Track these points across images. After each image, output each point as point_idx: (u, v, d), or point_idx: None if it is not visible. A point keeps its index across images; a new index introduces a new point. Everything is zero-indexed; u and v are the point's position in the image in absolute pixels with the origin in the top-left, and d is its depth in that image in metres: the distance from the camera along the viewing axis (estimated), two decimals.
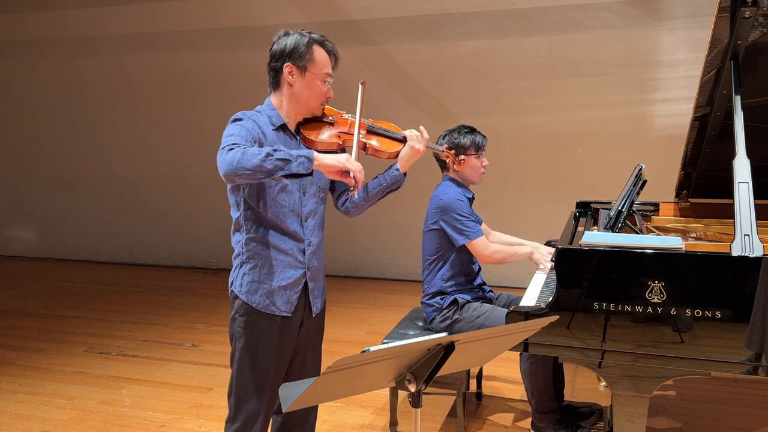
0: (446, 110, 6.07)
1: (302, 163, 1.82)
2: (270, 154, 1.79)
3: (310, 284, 2.14)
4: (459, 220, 2.92)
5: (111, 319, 5.19)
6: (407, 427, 3.10)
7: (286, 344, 2.12)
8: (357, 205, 2.18)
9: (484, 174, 3.11)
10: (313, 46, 2.03)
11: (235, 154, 1.79)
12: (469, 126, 3.09)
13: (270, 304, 2.06)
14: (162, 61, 6.92)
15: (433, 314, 3.04)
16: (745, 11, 2.23)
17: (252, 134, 1.95)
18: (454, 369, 1.51)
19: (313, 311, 2.17)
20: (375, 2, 6.08)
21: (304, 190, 2.09)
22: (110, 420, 3.35)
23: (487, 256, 2.94)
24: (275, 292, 2.06)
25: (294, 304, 2.10)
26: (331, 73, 2.08)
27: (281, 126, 2.05)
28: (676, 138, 3.84)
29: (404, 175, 2.16)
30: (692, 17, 5.26)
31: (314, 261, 2.14)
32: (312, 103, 2.07)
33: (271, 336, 2.07)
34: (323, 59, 2.05)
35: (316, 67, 2.03)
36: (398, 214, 6.14)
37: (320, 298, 2.21)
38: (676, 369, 2.13)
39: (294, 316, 2.11)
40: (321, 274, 2.21)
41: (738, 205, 2.15)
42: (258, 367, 2.08)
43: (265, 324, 2.07)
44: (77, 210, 7.56)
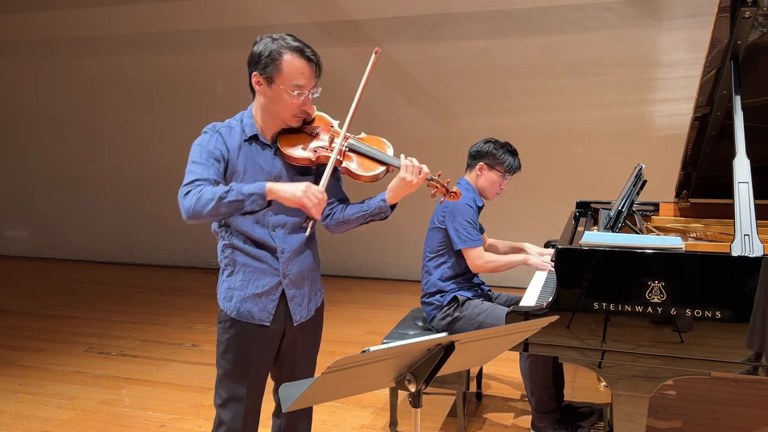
0: (446, 110, 6.07)
1: (255, 200, 1.77)
2: (222, 197, 1.75)
3: (289, 292, 2.02)
4: (463, 225, 2.94)
5: (111, 319, 5.19)
6: (407, 427, 3.10)
7: (264, 353, 2.04)
8: (339, 225, 2.06)
9: (498, 195, 3.14)
10: (283, 54, 1.86)
11: (191, 199, 1.77)
12: (514, 148, 3.12)
13: (245, 311, 1.99)
14: (162, 61, 6.92)
15: (433, 312, 3.04)
16: (745, 11, 2.23)
17: (214, 154, 1.88)
18: (454, 369, 1.51)
19: (295, 320, 2.05)
20: (375, 2, 6.08)
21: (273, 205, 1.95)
22: (110, 420, 3.35)
23: (479, 266, 2.97)
24: (249, 299, 1.98)
25: (272, 312, 2.00)
26: (304, 84, 1.88)
27: (253, 137, 1.95)
28: (676, 138, 3.84)
29: (392, 208, 2.00)
30: (692, 17, 5.26)
31: (293, 268, 2.02)
32: (283, 116, 1.93)
33: (247, 344, 2.00)
34: (294, 69, 1.86)
35: (284, 79, 1.86)
36: (399, 214, 6.11)
37: (305, 307, 2.08)
38: (676, 369, 2.13)
39: (273, 325, 2.02)
40: (307, 280, 2.08)
41: (738, 205, 2.15)
42: (235, 375, 2.01)
43: (241, 332, 2.00)
44: (77, 210, 7.56)
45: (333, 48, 6.19)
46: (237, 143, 1.94)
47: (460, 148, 6.01)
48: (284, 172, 1.98)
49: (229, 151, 1.92)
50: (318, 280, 2.16)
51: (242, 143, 1.94)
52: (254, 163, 1.95)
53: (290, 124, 1.96)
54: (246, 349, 2.01)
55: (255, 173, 1.94)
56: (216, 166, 1.88)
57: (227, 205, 1.76)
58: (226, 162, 1.91)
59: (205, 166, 1.86)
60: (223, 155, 1.90)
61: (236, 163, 1.93)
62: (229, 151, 1.92)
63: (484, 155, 3.07)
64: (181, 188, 1.82)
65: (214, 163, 1.88)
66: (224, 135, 1.93)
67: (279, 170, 1.98)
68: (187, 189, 1.80)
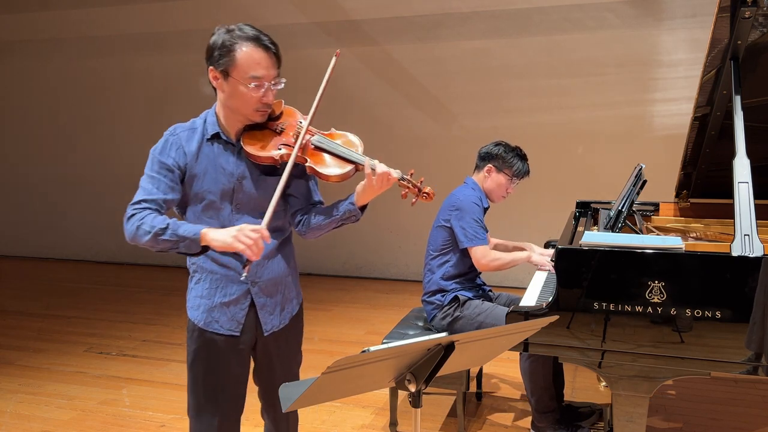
0: (446, 110, 6.07)
1: (188, 245, 1.72)
2: (158, 234, 1.71)
3: (259, 300, 1.93)
4: (469, 223, 2.95)
5: (111, 319, 5.19)
6: (407, 427, 3.10)
7: (235, 365, 1.94)
8: (311, 229, 1.93)
9: (504, 199, 3.15)
10: (236, 45, 1.75)
11: (132, 227, 1.74)
12: (524, 153, 3.13)
13: (213, 321, 1.91)
14: (162, 61, 6.92)
15: (433, 312, 3.04)
16: (745, 11, 2.23)
17: (166, 164, 1.82)
18: (454, 369, 1.51)
19: (265, 330, 1.95)
20: (375, 2, 6.08)
21: (238, 206, 1.89)
22: (110, 420, 3.35)
23: (485, 264, 2.97)
24: (217, 308, 1.90)
25: (241, 322, 1.91)
26: (262, 75, 1.77)
27: (215, 135, 1.87)
28: (676, 138, 3.84)
29: (362, 210, 1.88)
30: (692, 17, 5.26)
31: (264, 274, 1.92)
32: (244, 112, 1.82)
33: (216, 355, 1.91)
34: (250, 60, 1.75)
35: (239, 71, 1.75)
36: (399, 214, 6.14)
37: (278, 315, 1.98)
38: (676, 369, 2.13)
39: (243, 335, 1.93)
40: (280, 287, 1.98)
41: (738, 205, 2.15)
42: (206, 387, 1.93)
43: (210, 342, 1.91)
44: (77, 210, 7.56)
45: (333, 48, 6.18)
46: (196, 145, 1.86)
47: (460, 148, 6.05)
48: (248, 173, 1.88)
49: (186, 155, 1.84)
50: (293, 286, 2.05)
51: (203, 144, 1.86)
52: (215, 165, 1.86)
53: (253, 119, 1.85)
54: (215, 360, 1.92)
55: (216, 175, 1.86)
56: (167, 177, 1.82)
57: (162, 242, 1.73)
58: (183, 168, 1.84)
59: (155, 180, 1.82)
60: (177, 163, 1.83)
61: (194, 166, 1.85)
62: (186, 155, 1.84)
63: (494, 157, 3.08)
64: (128, 206, 1.79)
65: (166, 174, 1.82)
66: (183, 139, 1.86)
67: (242, 171, 1.88)
68: (132, 211, 1.77)
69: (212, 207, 1.88)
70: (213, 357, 1.92)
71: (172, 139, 1.87)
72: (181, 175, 1.85)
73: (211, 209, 1.88)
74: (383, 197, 2.07)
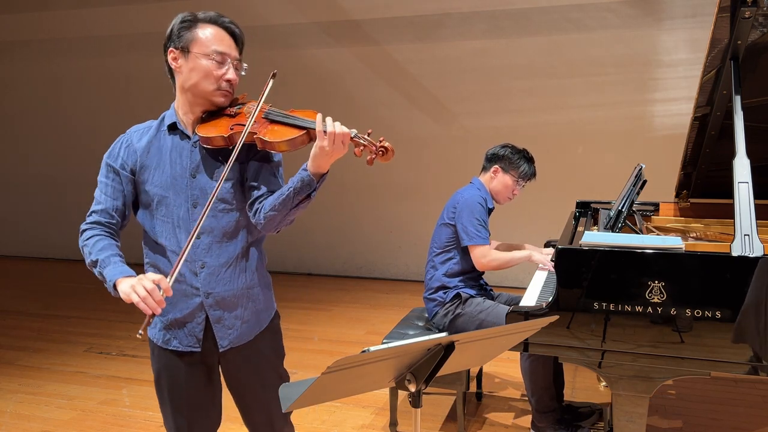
0: (446, 110, 6.07)
1: (109, 288, 1.68)
2: (92, 264, 1.72)
3: (213, 314, 1.79)
4: (472, 222, 2.96)
5: (111, 319, 5.19)
6: (407, 427, 3.10)
7: (201, 382, 1.85)
8: (267, 218, 1.71)
9: (510, 201, 3.16)
10: (197, 23, 1.74)
11: (81, 244, 1.77)
12: (531, 155, 3.14)
13: (171, 338, 1.81)
14: (161, 61, 6.88)
15: (435, 309, 3.05)
16: (745, 11, 2.23)
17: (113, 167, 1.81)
18: (454, 369, 1.51)
19: (221, 345, 1.81)
20: (375, 2, 6.08)
21: (194, 202, 1.77)
22: (110, 420, 3.35)
23: (484, 264, 2.98)
24: (173, 324, 1.80)
25: (199, 337, 1.80)
26: (225, 51, 1.72)
27: (171, 126, 1.81)
28: (676, 138, 3.84)
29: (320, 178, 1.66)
30: (692, 17, 5.26)
31: (219, 286, 1.78)
32: (204, 89, 1.73)
33: (178, 374, 1.82)
34: (210, 36, 1.72)
35: (200, 45, 1.71)
36: (399, 214, 6.14)
37: (237, 330, 1.83)
38: (676, 369, 2.13)
39: (205, 352, 1.82)
40: (242, 300, 1.83)
41: (738, 205, 2.15)
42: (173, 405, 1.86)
43: (171, 361, 1.83)
44: (77, 210, 7.52)
45: (333, 48, 6.19)
46: (147, 140, 1.82)
47: (460, 148, 6.06)
48: (203, 167, 1.78)
49: (136, 152, 1.81)
50: (262, 299, 1.89)
51: (155, 138, 1.82)
52: (168, 158, 1.79)
53: (215, 100, 1.76)
54: (181, 377, 1.83)
55: (167, 169, 1.79)
56: (115, 181, 1.82)
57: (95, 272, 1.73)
58: (133, 167, 1.81)
59: (103, 185, 1.83)
60: (125, 163, 1.81)
61: (145, 160, 1.80)
62: (136, 152, 1.81)
63: (500, 159, 3.09)
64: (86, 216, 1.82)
65: (113, 177, 1.82)
66: (134, 137, 1.84)
67: (197, 163, 1.78)
68: (84, 227, 1.80)
69: (165, 204, 1.78)
70: (178, 375, 1.84)
71: (122, 140, 1.86)
72: (131, 175, 1.82)
73: (164, 207, 1.79)
74: (383, 197, 2.06)
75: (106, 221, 1.79)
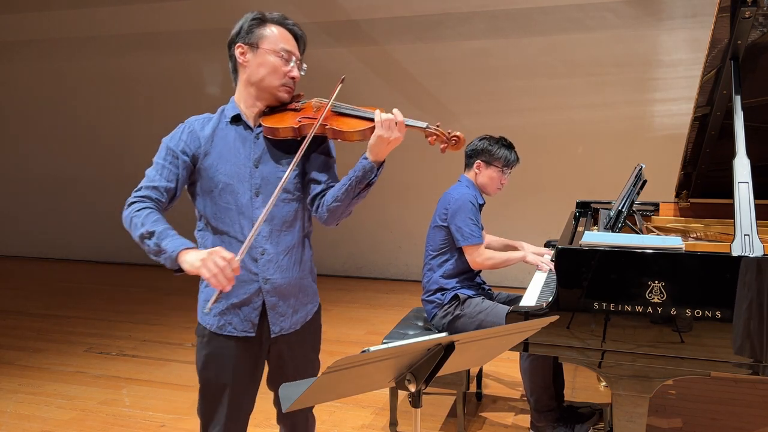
0: (446, 110, 6.07)
1: (167, 259, 1.67)
2: (144, 237, 1.69)
3: (270, 300, 1.86)
4: (465, 222, 2.95)
5: (111, 319, 5.19)
6: (407, 427, 3.10)
7: (248, 367, 1.91)
8: (330, 210, 1.82)
9: (500, 191, 3.14)
10: (265, 23, 1.85)
11: (126, 217, 1.74)
12: (509, 142, 3.11)
13: (226, 323, 1.86)
14: (162, 61, 6.92)
15: (434, 311, 3.04)
16: (745, 11, 2.23)
17: (174, 151, 1.82)
18: (454, 369, 1.51)
19: (273, 332, 1.88)
20: (375, 2, 6.08)
21: (256, 191, 1.84)
22: (110, 420, 3.35)
23: (480, 263, 2.98)
24: (229, 310, 1.85)
25: (255, 322, 1.87)
26: (291, 50, 1.85)
27: (235, 117, 1.87)
28: (676, 138, 3.84)
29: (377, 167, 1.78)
30: (692, 17, 5.26)
31: (276, 274, 1.86)
32: (270, 83, 1.83)
33: (228, 359, 1.87)
34: (277, 36, 1.84)
35: (268, 42, 1.83)
36: (399, 214, 6.14)
37: (289, 319, 1.91)
38: (676, 369, 2.13)
39: (257, 337, 1.89)
40: (294, 290, 1.91)
41: (738, 205, 2.15)
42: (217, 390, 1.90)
43: (222, 346, 1.87)
44: (77, 210, 7.56)
45: (333, 48, 6.19)
46: (211, 130, 1.86)
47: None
48: (266, 157, 1.86)
49: (200, 139, 1.85)
50: (310, 290, 1.99)
51: (218, 129, 1.87)
52: (231, 149, 1.85)
53: (278, 95, 1.86)
54: (227, 365, 1.88)
55: (232, 158, 1.85)
56: (172, 164, 1.82)
57: (145, 246, 1.71)
58: (195, 153, 1.84)
59: (160, 167, 1.82)
60: (187, 148, 1.83)
61: (209, 148, 1.85)
62: (200, 139, 1.85)
63: (480, 153, 3.08)
64: (133, 192, 1.79)
65: (171, 161, 1.82)
66: (196, 126, 1.87)
67: (260, 153, 1.86)
68: (132, 199, 1.78)
69: (229, 191, 1.84)
70: (227, 360, 1.88)
71: (184, 126, 1.89)
72: (191, 160, 1.84)
73: (228, 194, 1.84)
74: (383, 197, 2.06)
75: (156, 197, 1.79)
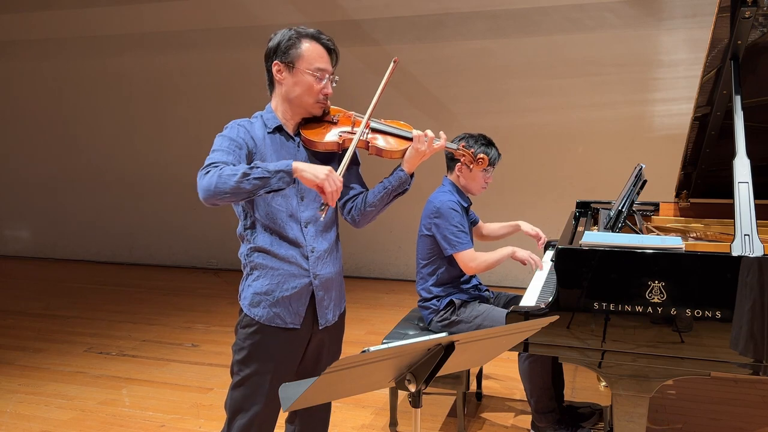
0: (446, 110, 6.07)
1: (282, 177, 1.72)
2: (247, 174, 1.70)
3: (318, 294, 2.01)
4: (450, 230, 2.90)
5: (111, 319, 5.19)
6: (407, 427, 3.10)
7: (290, 359, 2.01)
8: (364, 214, 2.04)
9: (485, 189, 3.09)
10: (301, 40, 1.91)
11: (212, 177, 1.71)
12: (489, 138, 3.03)
13: (275, 316, 1.95)
14: (162, 61, 6.92)
15: (430, 316, 3.04)
16: (745, 11, 2.23)
17: (237, 141, 1.87)
18: (454, 369, 1.51)
19: (321, 324, 2.03)
20: (375, 2, 6.09)
21: (302, 195, 1.97)
22: (110, 420, 3.35)
23: (472, 268, 2.92)
24: (279, 303, 1.95)
25: (302, 315, 1.98)
26: (325, 68, 1.93)
27: (277, 128, 1.97)
28: (676, 138, 3.85)
29: (411, 177, 2.02)
30: (692, 17, 5.26)
31: (323, 269, 2.01)
32: (305, 101, 1.94)
33: (273, 350, 1.96)
34: (313, 54, 1.91)
35: (304, 62, 1.90)
36: (398, 213, 6.12)
37: (332, 311, 2.08)
38: (676, 369, 2.13)
39: (302, 329, 2.00)
40: (335, 283, 2.09)
41: (738, 205, 2.15)
42: (256, 383, 1.96)
43: (269, 338, 1.96)
44: (77, 210, 7.56)
45: None
46: (262, 134, 1.95)
47: None
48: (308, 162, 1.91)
49: (254, 140, 1.92)
50: (343, 286, 2.18)
51: (266, 135, 1.95)
52: (279, 155, 1.95)
53: (313, 111, 1.97)
54: (271, 355, 1.96)
55: None
56: (238, 153, 1.85)
57: (251, 181, 1.69)
58: (250, 151, 1.90)
59: (225, 152, 1.83)
60: (247, 143, 1.90)
61: (262, 152, 1.92)
62: (254, 140, 1.92)
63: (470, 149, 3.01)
64: (199, 171, 1.76)
65: (235, 150, 1.85)
66: (248, 127, 1.95)
67: (303, 161, 1.96)
68: (207, 170, 1.75)
69: (281, 195, 1.91)
70: (273, 350, 1.97)
71: (238, 126, 1.94)
72: (248, 155, 1.90)
73: (280, 197, 1.93)
74: None
75: None
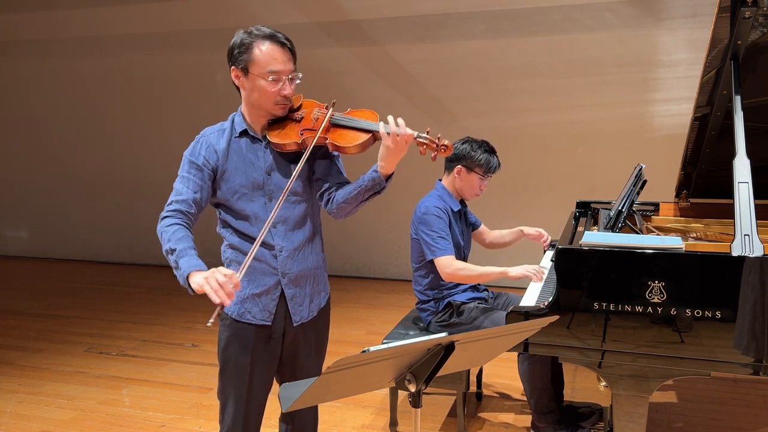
0: (446, 110, 6.07)
1: (180, 278, 1.78)
2: (168, 253, 1.83)
3: (288, 291, 2.03)
4: (429, 235, 2.90)
5: (111, 319, 5.19)
6: (407, 427, 3.10)
7: (265, 353, 2.05)
8: (340, 207, 1.99)
9: (478, 197, 3.07)
10: (253, 43, 1.88)
11: (161, 228, 1.88)
12: (491, 146, 3.03)
13: (245, 312, 2.00)
14: (162, 61, 6.91)
15: (428, 318, 3.04)
16: (745, 11, 2.23)
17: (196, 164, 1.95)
18: (454, 369, 1.51)
19: (294, 321, 2.05)
20: (375, 2, 6.08)
21: (270, 197, 1.99)
22: (110, 420, 3.35)
23: (450, 274, 2.86)
24: (249, 299, 2.00)
25: (272, 312, 2.02)
26: (279, 70, 1.89)
27: (243, 132, 2.00)
28: (676, 138, 3.84)
29: (386, 178, 1.92)
30: (692, 17, 5.26)
31: (293, 266, 2.02)
32: (264, 105, 1.94)
33: (246, 345, 2.01)
34: (266, 57, 1.88)
35: (257, 66, 1.88)
36: (399, 213, 6.13)
37: (306, 307, 2.08)
38: (676, 369, 2.13)
39: (275, 325, 2.03)
40: (309, 280, 2.08)
41: (738, 205, 2.15)
42: (235, 373, 2.03)
43: (242, 332, 2.01)
44: (77, 210, 7.56)
45: (333, 48, 6.19)
46: (225, 144, 1.99)
47: None
48: (276, 165, 2.00)
49: (217, 153, 1.97)
50: (322, 279, 2.16)
51: (232, 142, 1.99)
52: (245, 160, 1.99)
53: (274, 113, 1.97)
54: (246, 348, 2.02)
55: (246, 169, 1.98)
56: (197, 177, 1.95)
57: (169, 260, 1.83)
58: (213, 167, 1.97)
59: (185, 180, 1.96)
60: (207, 161, 1.96)
61: (225, 162, 1.98)
62: (217, 153, 1.97)
63: (462, 158, 2.97)
64: (165, 206, 1.93)
65: (195, 173, 1.96)
66: (212, 140, 1.99)
67: (270, 163, 2.00)
68: (165, 214, 1.91)
69: (245, 199, 1.99)
70: (245, 342, 2.02)
71: (202, 140, 2.01)
72: (212, 173, 1.98)
73: (244, 201, 1.99)
74: (383, 198, 2.06)
75: (186, 210, 1.93)
